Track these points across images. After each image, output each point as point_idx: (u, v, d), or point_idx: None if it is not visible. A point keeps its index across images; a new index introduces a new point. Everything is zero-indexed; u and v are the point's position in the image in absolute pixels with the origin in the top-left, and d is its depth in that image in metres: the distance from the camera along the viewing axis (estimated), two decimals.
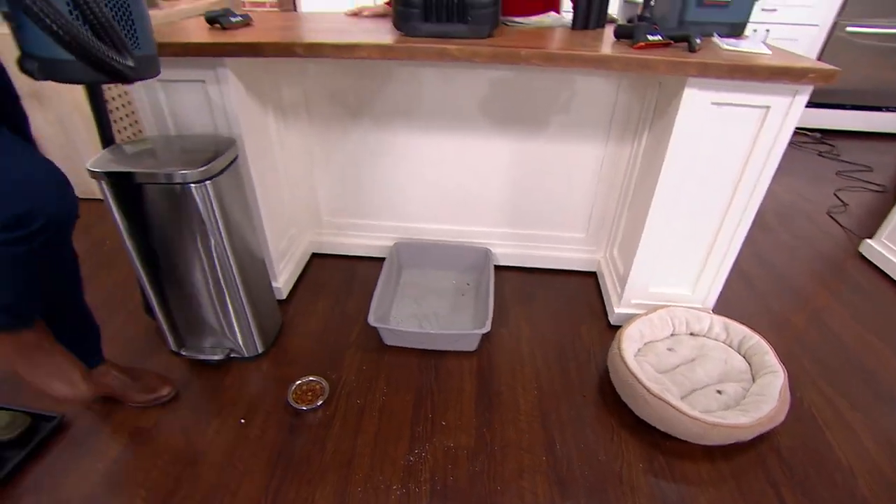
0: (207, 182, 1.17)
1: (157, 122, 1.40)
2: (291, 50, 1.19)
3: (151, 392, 1.39)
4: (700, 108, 1.25)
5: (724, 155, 1.33)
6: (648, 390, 1.29)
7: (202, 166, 1.16)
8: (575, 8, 1.45)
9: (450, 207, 1.84)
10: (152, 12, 2.62)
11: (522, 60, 1.17)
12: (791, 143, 1.26)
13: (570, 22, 1.50)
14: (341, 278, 1.88)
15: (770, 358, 1.42)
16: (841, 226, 2.39)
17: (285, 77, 1.60)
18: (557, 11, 1.74)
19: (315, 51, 1.19)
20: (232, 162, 1.27)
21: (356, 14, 1.64)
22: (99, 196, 1.25)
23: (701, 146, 1.32)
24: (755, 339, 1.49)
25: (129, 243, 1.30)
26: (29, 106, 1.17)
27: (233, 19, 1.41)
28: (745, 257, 2.07)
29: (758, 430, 1.26)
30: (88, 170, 1.18)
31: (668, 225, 1.47)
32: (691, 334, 1.59)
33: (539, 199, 1.79)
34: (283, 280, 1.73)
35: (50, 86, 2.12)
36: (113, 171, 1.16)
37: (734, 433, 1.24)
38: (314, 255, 1.99)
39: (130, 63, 0.87)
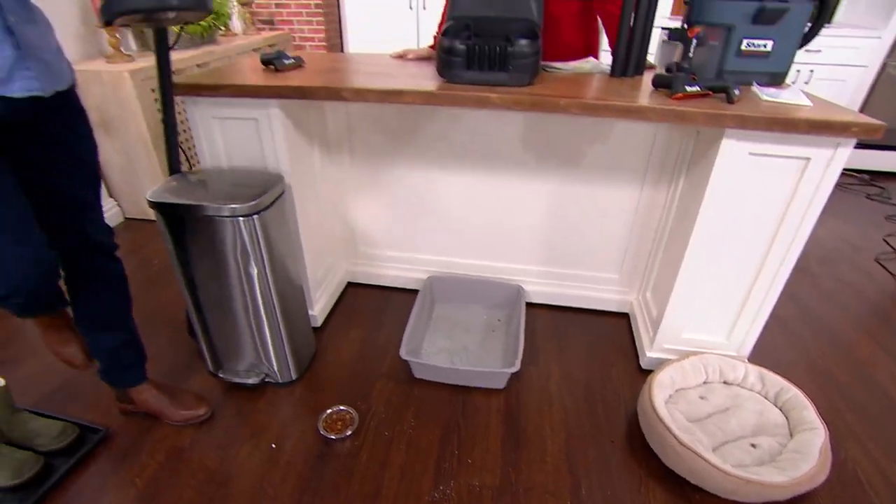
0: (255, 216, 1.24)
1: (212, 154, 1.50)
2: (339, 94, 1.27)
3: (189, 410, 1.46)
4: (738, 158, 1.26)
5: (762, 204, 1.32)
6: (678, 440, 1.26)
7: (251, 201, 1.23)
8: (614, 56, 1.48)
9: (484, 243, 1.87)
10: (211, 48, 2.80)
11: (561, 109, 1.20)
12: (837, 185, 1.24)
13: (609, 69, 1.53)
14: (375, 308, 1.93)
15: (810, 413, 1.37)
16: (890, 273, 2.30)
17: (331, 114, 1.68)
18: (596, 57, 1.78)
19: (362, 96, 1.26)
20: (279, 197, 1.34)
21: (401, 56, 1.72)
22: (152, 218, 1.36)
23: (738, 195, 1.31)
24: (793, 392, 1.44)
25: (178, 268, 1.38)
26: (97, 136, 1.28)
27: (286, 61, 1.51)
28: (784, 303, 2.01)
29: (796, 490, 1.21)
30: (148, 200, 1.27)
31: (704, 271, 1.46)
32: (725, 383, 1.55)
33: (573, 238, 1.80)
34: (318, 308, 1.78)
35: (118, 117, 2.29)
36: (169, 203, 1.25)
37: (769, 492, 1.20)
38: (349, 284, 2.05)
39: None
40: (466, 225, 1.85)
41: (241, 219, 1.24)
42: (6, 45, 0.92)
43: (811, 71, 3.15)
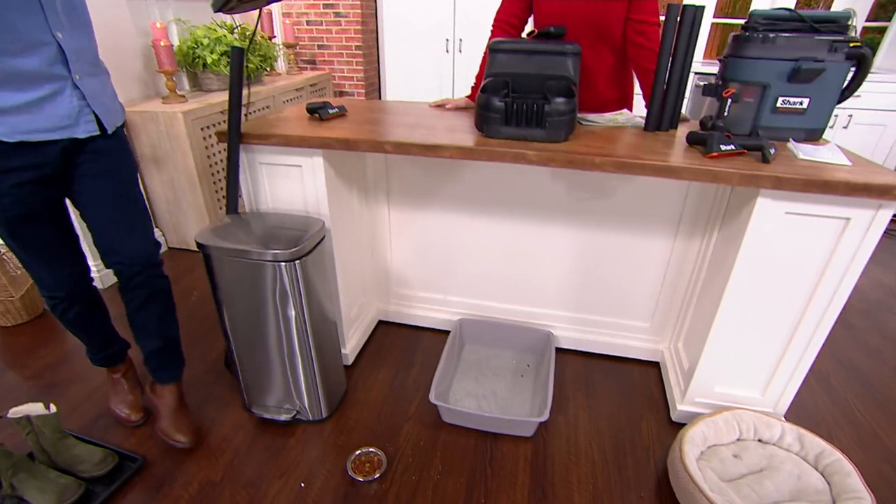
0: (296, 262, 1.30)
1: (256, 196, 1.58)
2: (382, 147, 1.33)
3: (173, 431, 1.51)
4: (774, 217, 1.25)
5: (799, 263, 1.31)
6: (710, 501, 1.23)
7: (292, 247, 1.29)
8: (648, 111, 1.51)
9: (515, 288, 1.89)
10: (256, 88, 2.95)
11: (596, 167, 1.23)
12: (884, 232, 1.22)
13: (643, 123, 1.56)
14: (405, 348, 1.95)
15: (855, 481, 1.32)
16: None
17: (371, 161, 1.75)
18: (630, 108, 1.82)
19: (403, 149, 1.31)
20: (319, 242, 1.40)
21: (440, 106, 1.79)
22: (194, 248, 1.48)
23: (774, 253, 1.30)
24: (836, 456, 1.39)
25: (218, 305, 1.45)
26: (148, 169, 1.41)
27: (330, 111, 1.59)
28: (824, 358, 1.95)
29: None
30: (196, 242, 1.35)
31: (738, 326, 1.44)
32: (760, 441, 1.51)
33: (603, 286, 1.81)
34: (350, 346, 1.82)
35: (168, 153, 2.42)
36: (214, 246, 1.32)
37: None
38: (380, 322, 2.08)
39: None
40: (498, 269, 1.87)
41: (282, 264, 1.30)
42: (73, 98, 1.15)
43: (850, 116, 3.11)
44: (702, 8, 1.40)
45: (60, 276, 1.35)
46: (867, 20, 3.52)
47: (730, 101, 1.34)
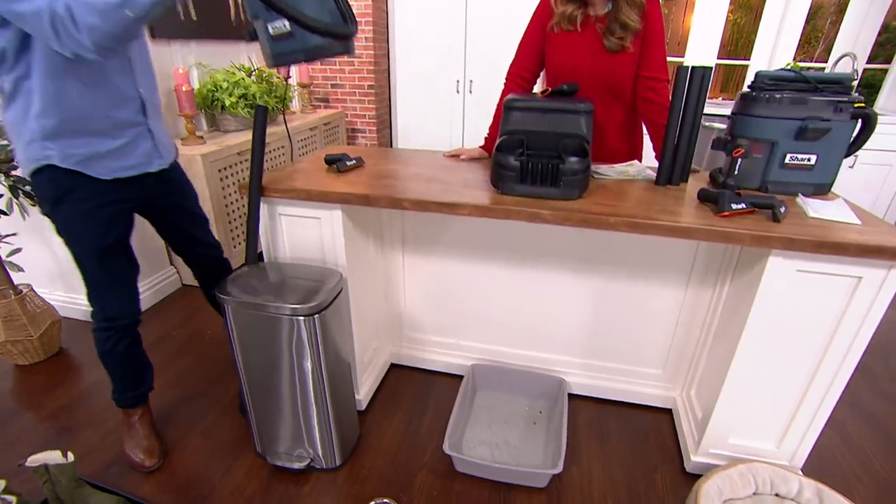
0: (315, 316, 1.33)
1: (274, 245, 1.61)
2: (401, 204, 1.37)
3: (141, 454, 1.63)
4: (785, 274, 1.27)
5: (812, 319, 1.32)
6: None
7: (311, 301, 1.32)
8: (660, 165, 1.55)
9: (527, 333, 1.90)
10: (273, 129, 3.02)
11: (610, 227, 1.26)
12: None
13: (653, 175, 1.60)
14: (418, 393, 1.96)
15: None
16: None
17: (387, 210, 1.79)
18: (640, 159, 1.86)
19: (422, 206, 1.35)
20: (337, 295, 1.42)
21: (454, 156, 1.83)
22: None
23: (786, 309, 1.32)
24: None
25: (234, 351, 1.47)
26: None
27: (348, 163, 1.64)
28: (842, 407, 1.92)
29: None
30: (217, 294, 1.38)
31: (752, 378, 1.44)
32: (777, 496, 1.49)
33: (615, 333, 1.82)
34: (363, 391, 1.83)
35: None
36: (236, 299, 1.35)
37: None
38: (392, 365, 2.09)
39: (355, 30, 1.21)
40: (510, 315, 1.89)
41: (301, 318, 1.32)
42: (147, 142, 1.42)
43: (855, 156, 3.15)
44: (710, 69, 1.45)
45: (127, 304, 1.51)
46: (867, 62, 3.60)
47: (740, 161, 1.38)
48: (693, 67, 1.43)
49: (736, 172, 1.39)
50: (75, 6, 1.03)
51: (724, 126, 3.23)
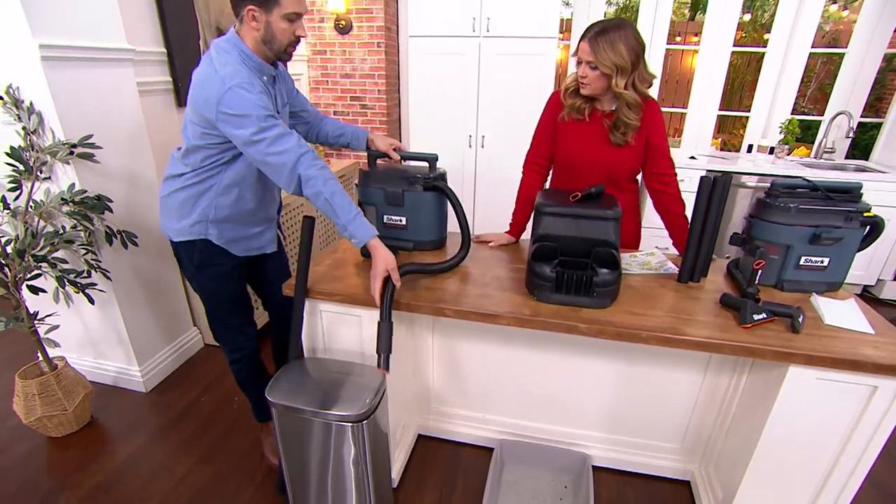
0: (363, 422, 1.40)
1: (314, 339, 1.69)
2: (443, 312, 1.45)
3: (273, 456, 2.01)
4: (805, 382, 1.36)
5: (830, 421, 1.40)
6: None
7: (359, 410, 1.39)
8: (683, 263, 1.64)
9: (551, 409, 1.98)
10: None
11: (643, 341, 1.35)
12: None
13: (673, 268, 1.70)
14: (447, 466, 2.02)
15: None
16: None
17: None
18: (640, 236, 1.98)
19: (463, 315, 1.44)
20: (381, 399, 1.50)
21: (485, 242, 1.92)
22: None
23: (804, 412, 1.40)
24: None
25: (281, 448, 1.53)
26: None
27: None
28: (867, 492, 1.95)
29: None
30: (266, 398, 1.45)
31: (771, 471, 1.52)
32: None
33: (636, 410, 1.90)
34: (396, 468, 1.90)
35: None
36: (285, 405, 1.42)
37: None
38: (420, 437, 2.16)
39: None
40: (535, 392, 1.96)
41: (348, 425, 1.39)
42: (273, 231, 1.81)
43: None
44: (730, 177, 1.55)
45: (248, 337, 1.86)
46: (861, 116, 3.74)
47: (760, 273, 1.47)
48: (715, 177, 1.53)
49: (757, 281, 1.48)
50: (312, 180, 1.40)
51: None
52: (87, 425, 2.24)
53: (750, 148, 3.87)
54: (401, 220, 1.77)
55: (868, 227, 1.58)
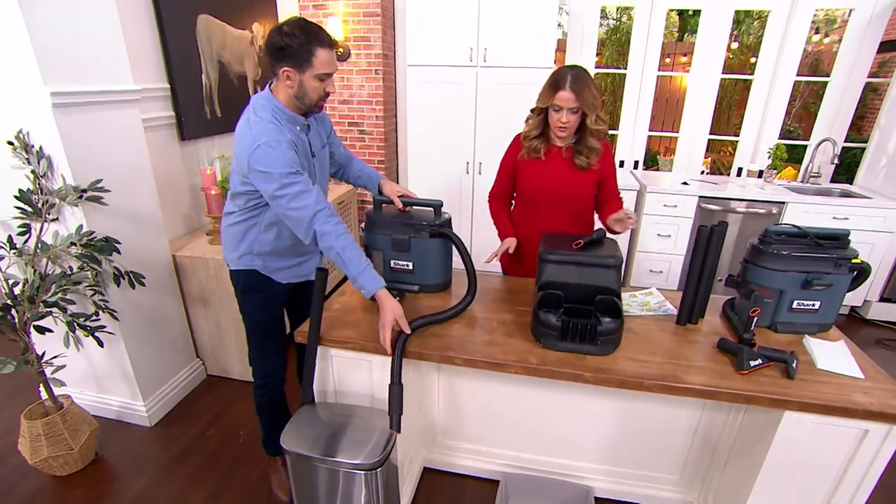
0: (377, 470, 1.44)
1: (325, 383, 1.72)
2: (452, 360, 1.50)
3: (282, 493, 2.06)
4: (799, 424, 1.42)
5: (825, 459, 1.47)
6: None
7: (372, 458, 1.43)
8: (681, 307, 1.71)
9: (555, 444, 2.03)
10: None
11: (646, 389, 1.41)
12: None
13: (672, 309, 1.76)
14: (453, 499, 2.05)
15: None
16: None
17: None
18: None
19: (472, 364, 1.49)
20: (394, 445, 1.54)
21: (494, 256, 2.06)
22: (232, 376, 2.51)
23: (800, 453, 1.47)
24: None
25: (294, 492, 1.57)
26: (194, 307, 2.34)
27: None
28: None
29: None
30: (282, 447, 1.48)
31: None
32: None
33: (635, 444, 1.95)
34: (404, 502, 1.93)
35: (214, 294, 2.56)
36: (299, 453, 1.45)
37: None
38: (426, 469, 2.20)
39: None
40: (538, 427, 2.01)
41: (362, 472, 1.43)
42: (315, 260, 1.91)
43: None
44: (725, 225, 1.62)
45: (282, 359, 1.95)
46: (845, 141, 3.86)
47: (756, 320, 1.54)
48: (712, 227, 1.60)
49: (753, 328, 1.55)
50: (325, 235, 1.51)
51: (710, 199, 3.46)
52: (91, 463, 2.24)
53: (739, 171, 3.97)
54: (407, 265, 1.82)
55: (855, 273, 1.65)
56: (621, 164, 4.06)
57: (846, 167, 4.98)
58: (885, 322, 3.53)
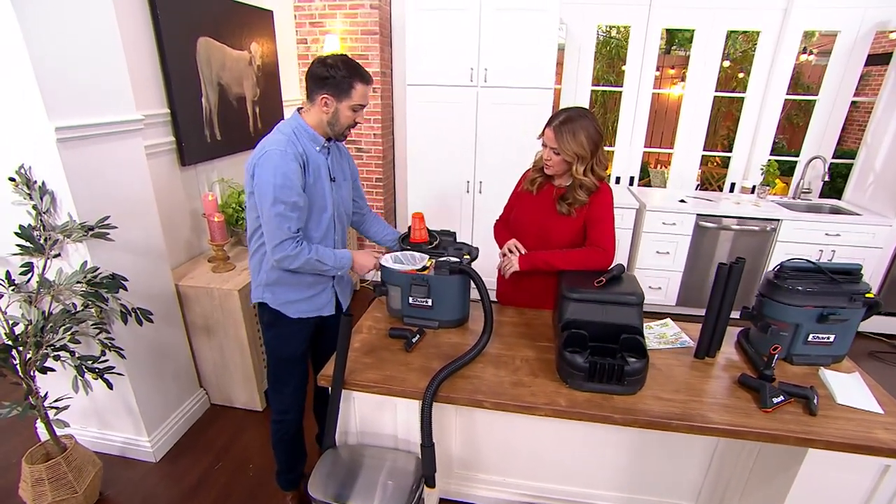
0: None
1: (347, 424, 1.70)
2: (481, 404, 1.49)
3: None
4: (822, 461, 1.45)
5: (846, 491, 1.50)
6: None
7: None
8: (699, 341, 1.73)
9: (570, 472, 2.04)
10: None
11: (672, 429, 1.42)
12: None
13: (689, 341, 1.78)
14: None
15: None
16: None
17: None
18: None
19: (501, 408, 1.48)
20: (422, 489, 1.52)
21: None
22: (236, 405, 2.52)
23: (822, 484, 1.50)
24: None
25: None
26: (197, 336, 2.40)
27: (413, 340, 1.74)
28: None
29: None
30: (308, 492, 1.46)
31: None
32: None
33: (653, 470, 1.98)
34: None
35: (219, 323, 2.52)
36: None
37: None
38: (442, 500, 2.18)
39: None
40: (554, 456, 2.02)
41: None
42: (328, 294, 1.88)
43: (833, 251, 3.47)
44: (743, 262, 1.65)
45: (301, 399, 1.95)
46: (833, 157, 3.97)
47: (776, 357, 1.56)
48: (731, 264, 1.62)
49: (773, 366, 1.58)
50: (291, 258, 1.63)
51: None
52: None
53: (732, 187, 4.05)
54: (427, 301, 1.80)
55: (868, 308, 1.69)
56: (617, 180, 4.10)
57: (834, 177, 5.11)
58: (877, 334, 3.63)
